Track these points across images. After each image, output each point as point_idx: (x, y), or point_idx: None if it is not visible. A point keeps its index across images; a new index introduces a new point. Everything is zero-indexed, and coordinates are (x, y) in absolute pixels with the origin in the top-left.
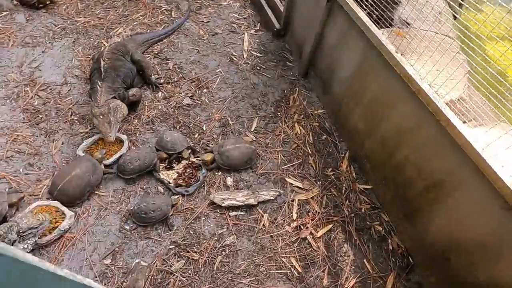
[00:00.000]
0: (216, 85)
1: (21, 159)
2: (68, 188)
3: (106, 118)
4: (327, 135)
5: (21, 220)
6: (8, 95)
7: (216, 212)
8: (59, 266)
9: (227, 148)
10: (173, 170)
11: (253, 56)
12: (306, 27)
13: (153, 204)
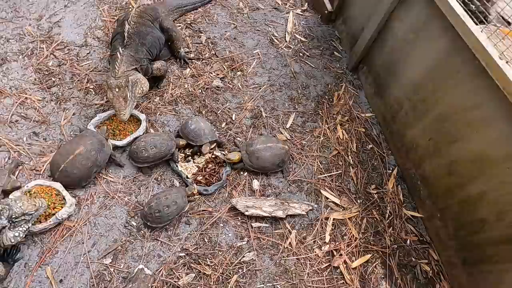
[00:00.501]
0: (252, 68)
1: (26, 126)
2: (72, 169)
3: (122, 92)
4: (374, 145)
5: (15, 203)
6: (21, 50)
7: (236, 219)
8: (51, 259)
9: (258, 148)
10: (194, 163)
11: (296, 40)
12: (366, 13)
13: (166, 199)
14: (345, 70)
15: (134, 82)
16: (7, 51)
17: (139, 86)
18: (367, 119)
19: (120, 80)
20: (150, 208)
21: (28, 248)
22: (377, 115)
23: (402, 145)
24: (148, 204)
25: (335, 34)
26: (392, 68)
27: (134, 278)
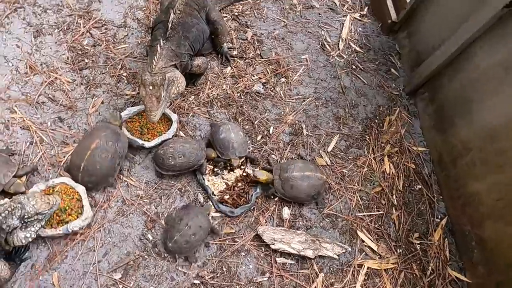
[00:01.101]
0: (298, 76)
1: (52, 109)
2: (94, 165)
3: (156, 91)
4: (423, 186)
5: (28, 201)
6: (58, 23)
7: (260, 250)
8: (59, 264)
9: (294, 176)
10: (222, 179)
11: (350, 49)
12: (441, 32)
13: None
14: (401, 92)
15: (171, 81)
16: (43, 23)
17: (176, 85)
18: (419, 154)
19: (156, 77)
20: (175, 242)
21: (37, 248)
22: (432, 152)
23: (460, 195)
24: (171, 238)
25: (395, 48)
26: (464, 104)
27: None
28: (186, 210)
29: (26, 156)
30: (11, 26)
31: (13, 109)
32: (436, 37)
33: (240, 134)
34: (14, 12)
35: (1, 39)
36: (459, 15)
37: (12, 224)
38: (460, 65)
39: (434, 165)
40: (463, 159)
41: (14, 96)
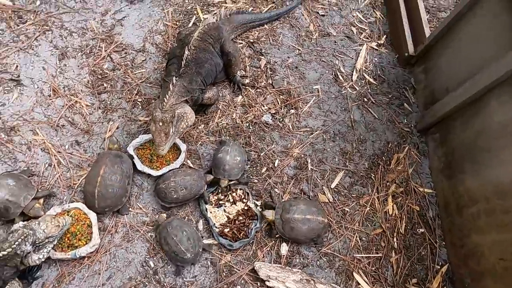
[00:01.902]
0: (308, 107)
1: (71, 132)
2: (106, 189)
3: (165, 128)
4: (426, 230)
5: (39, 226)
6: (82, 46)
7: (255, 285)
8: (67, 285)
9: (294, 218)
10: (224, 212)
11: (364, 81)
12: (457, 73)
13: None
14: (412, 129)
15: (180, 116)
16: (68, 46)
17: (184, 121)
18: (425, 196)
19: (166, 114)
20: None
21: (48, 268)
22: (439, 196)
23: (462, 245)
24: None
25: (410, 81)
26: (475, 152)
27: None
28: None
29: (45, 178)
30: (39, 48)
31: (35, 131)
32: (453, 77)
33: (237, 158)
34: (42, 34)
35: (30, 61)
36: (480, 59)
37: (26, 250)
38: (475, 111)
39: (439, 209)
40: (469, 210)
41: (37, 118)
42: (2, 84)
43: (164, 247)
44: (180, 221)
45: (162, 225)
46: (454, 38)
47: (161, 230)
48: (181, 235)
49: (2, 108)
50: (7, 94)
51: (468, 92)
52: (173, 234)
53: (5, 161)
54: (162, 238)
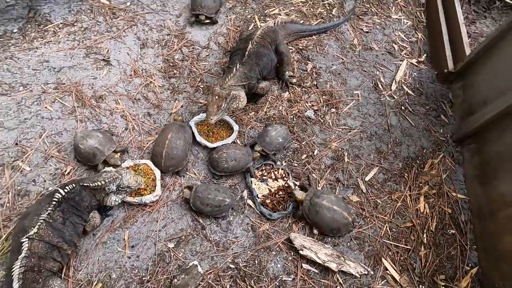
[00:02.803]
0: (348, 108)
1: (144, 105)
2: (172, 150)
3: (219, 101)
4: (457, 232)
5: (125, 175)
6: (159, 39)
7: (289, 253)
8: (131, 225)
9: (322, 204)
10: (267, 185)
11: (402, 92)
12: (494, 88)
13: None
14: (448, 139)
15: (233, 97)
16: (148, 38)
17: (236, 102)
18: (457, 200)
19: (223, 91)
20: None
21: (118, 210)
22: (472, 202)
23: (495, 249)
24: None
25: (448, 96)
26: (510, 162)
27: (187, 271)
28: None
29: (121, 138)
30: (125, 38)
31: (117, 101)
32: (489, 92)
33: (279, 139)
34: (129, 28)
35: (118, 47)
36: None
37: (111, 189)
38: (509, 123)
39: (472, 214)
40: (501, 214)
41: (119, 91)
42: (96, 63)
43: (205, 209)
44: (202, 185)
45: (192, 198)
46: (494, 56)
47: (195, 201)
48: (212, 191)
49: (94, 80)
50: (99, 71)
51: (503, 105)
52: (206, 196)
53: (93, 121)
54: (199, 204)
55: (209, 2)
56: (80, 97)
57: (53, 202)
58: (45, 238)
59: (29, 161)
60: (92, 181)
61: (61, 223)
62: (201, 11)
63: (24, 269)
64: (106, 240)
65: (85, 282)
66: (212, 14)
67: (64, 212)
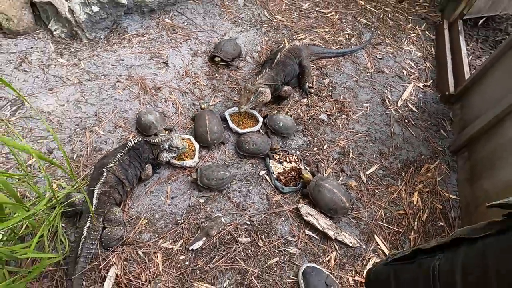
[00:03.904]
0: (356, 116)
1: (190, 98)
2: (213, 127)
3: (249, 95)
4: (446, 225)
5: (174, 138)
6: (206, 51)
7: (295, 220)
8: (172, 182)
9: (325, 185)
10: (282, 166)
11: (407, 108)
12: (485, 106)
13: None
14: (445, 149)
15: (261, 93)
16: (198, 50)
17: (262, 97)
18: (449, 199)
19: (253, 86)
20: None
21: (164, 169)
22: (462, 200)
23: None
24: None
25: (448, 115)
26: (492, 162)
27: (213, 218)
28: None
29: (171, 119)
30: (181, 48)
31: (171, 92)
32: (481, 110)
33: (285, 122)
34: (185, 41)
35: (175, 54)
36: (501, 94)
37: (164, 147)
38: (494, 131)
39: (461, 211)
40: (483, 205)
41: (173, 86)
42: (158, 64)
43: (211, 184)
44: (205, 166)
45: (199, 176)
46: (485, 81)
47: (202, 178)
48: (215, 169)
49: (155, 76)
50: (159, 70)
51: (490, 116)
52: (210, 172)
53: (151, 105)
54: (205, 180)
55: (228, 48)
56: (144, 87)
57: (125, 148)
58: (116, 172)
59: (103, 128)
60: (152, 139)
61: (127, 164)
62: (219, 54)
63: (101, 191)
64: (153, 190)
65: (135, 217)
66: (228, 59)
67: (130, 157)
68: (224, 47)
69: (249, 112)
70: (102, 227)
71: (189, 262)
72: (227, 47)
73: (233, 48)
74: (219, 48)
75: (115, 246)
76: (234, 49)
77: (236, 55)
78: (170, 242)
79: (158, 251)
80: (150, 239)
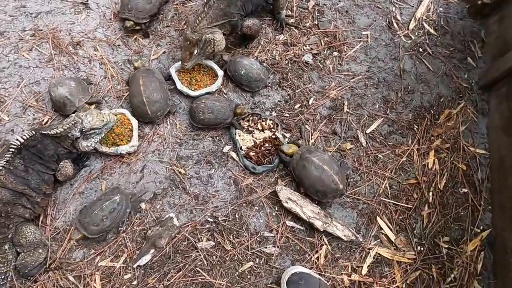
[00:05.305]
0: (353, 51)
1: (124, 52)
2: (152, 94)
3: (190, 47)
4: (470, 191)
5: (86, 117)
6: None
7: (273, 209)
8: (108, 176)
9: (312, 160)
10: (252, 137)
11: (422, 31)
12: None
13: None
14: (472, 86)
15: (207, 41)
16: None
17: (211, 46)
18: (474, 156)
19: (194, 35)
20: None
21: (95, 160)
22: (493, 156)
23: None
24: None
25: (479, 34)
26: None
27: (162, 223)
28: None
29: (99, 87)
30: None
31: (96, 47)
32: None
33: (249, 68)
34: None
35: None
36: None
37: (75, 135)
38: None
39: (491, 170)
40: None
41: (98, 37)
42: (74, 6)
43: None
44: (81, 212)
45: (81, 223)
46: None
47: (82, 225)
48: (98, 204)
49: (72, 25)
50: (77, 15)
51: None
52: (92, 212)
53: (70, 69)
54: (88, 223)
55: (140, 4)
56: (58, 44)
57: (11, 150)
58: (8, 185)
59: (7, 111)
60: (50, 129)
61: (23, 170)
62: (128, 15)
63: None
64: (83, 190)
65: (62, 230)
66: (144, 19)
67: (25, 160)
68: (132, 2)
69: (204, 64)
70: (15, 252)
71: (137, 282)
72: (138, 1)
73: (146, 1)
74: (126, 5)
75: (36, 274)
76: (149, 1)
77: (155, 11)
78: (111, 258)
79: (96, 271)
80: (84, 257)
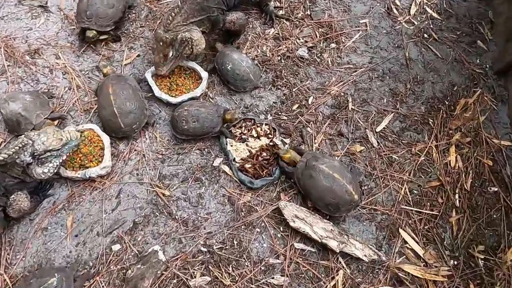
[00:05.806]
0: (352, 42)
1: (92, 58)
2: (123, 103)
3: (164, 49)
4: (501, 189)
5: (38, 137)
6: None
7: (277, 229)
8: (76, 205)
9: (320, 168)
10: (246, 146)
11: (424, 15)
12: None
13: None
14: (486, 71)
15: (183, 41)
16: None
17: (189, 47)
18: (500, 149)
19: (167, 35)
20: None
21: (60, 187)
22: None
23: None
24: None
25: (487, 15)
26: None
27: (145, 259)
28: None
29: (63, 100)
30: None
31: (58, 55)
32: None
33: (237, 65)
34: None
35: None
36: None
37: (25, 160)
38: None
39: None
40: None
41: (60, 43)
42: (31, 10)
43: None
44: None
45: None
46: None
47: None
48: None
49: (29, 32)
50: (34, 20)
51: None
52: None
53: (28, 82)
54: None
55: (100, 9)
56: (12, 54)
57: None
58: None
59: None
60: None
61: None
62: (89, 23)
63: None
64: (47, 225)
65: (21, 278)
66: (106, 27)
67: None
68: (90, 9)
69: (186, 66)
70: None
71: None
72: (98, 8)
73: (108, 4)
74: (84, 12)
75: None
76: (111, 5)
77: (121, 14)
78: None
79: None
80: None
